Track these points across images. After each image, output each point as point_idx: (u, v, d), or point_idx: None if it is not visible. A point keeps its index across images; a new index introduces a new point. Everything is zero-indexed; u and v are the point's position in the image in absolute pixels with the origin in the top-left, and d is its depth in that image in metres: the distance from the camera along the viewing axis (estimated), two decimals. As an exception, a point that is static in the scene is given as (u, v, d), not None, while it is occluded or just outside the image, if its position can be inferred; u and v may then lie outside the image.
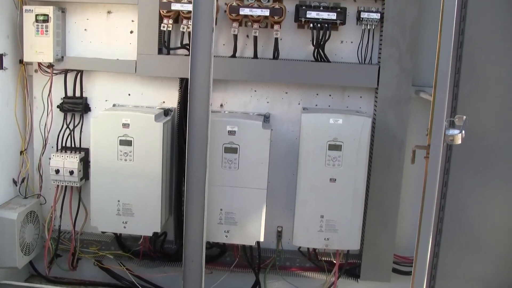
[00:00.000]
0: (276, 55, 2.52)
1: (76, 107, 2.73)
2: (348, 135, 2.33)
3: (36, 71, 2.73)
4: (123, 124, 2.42)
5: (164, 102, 2.71)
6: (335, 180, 2.35)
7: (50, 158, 2.68)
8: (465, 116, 1.80)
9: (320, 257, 2.69)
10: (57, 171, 2.64)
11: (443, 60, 1.85)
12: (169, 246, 2.79)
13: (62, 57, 2.67)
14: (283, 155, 2.64)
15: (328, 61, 2.51)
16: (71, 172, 2.64)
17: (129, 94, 2.73)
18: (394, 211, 2.53)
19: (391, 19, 2.43)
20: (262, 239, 2.47)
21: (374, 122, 2.50)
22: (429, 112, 1.83)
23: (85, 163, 2.71)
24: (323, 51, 2.50)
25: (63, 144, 2.76)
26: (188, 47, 2.46)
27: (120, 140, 2.42)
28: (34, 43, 2.59)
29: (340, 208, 2.38)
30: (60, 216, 2.76)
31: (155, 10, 2.51)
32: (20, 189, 2.74)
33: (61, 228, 2.76)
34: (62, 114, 2.75)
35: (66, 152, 2.70)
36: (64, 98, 2.74)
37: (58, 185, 2.71)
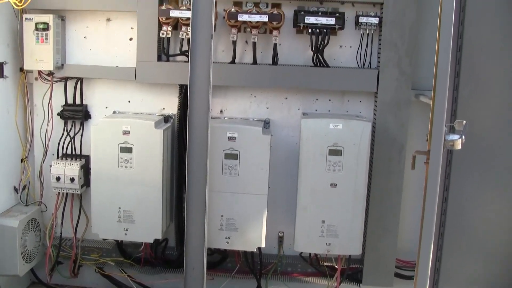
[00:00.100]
0: (275, 61, 2.53)
1: (76, 114, 2.74)
2: (348, 140, 2.33)
3: (36, 79, 2.75)
4: (123, 131, 2.42)
5: (164, 108, 2.72)
6: (336, 185, 2.35)
7: (50, 166, 2.68)
8: (465, 121, 1.80)
9: (322, 262, 2.69)
10: (58, 179, 2.65)
11: (442, 64, 1.85)
12: (170, 253, 2.79)
13: (62, 64, 2.68)
14: (283, 161, 2.64)
15: (328, 66, 2.51)
16: (72, 180, 2.64)
17: (129, 101, 2.74)
18: (396, 215, 2.53)
19: (390, 23, 2.43)
20: (263, 245, 2.46)
21: (374, 126, 2.50)
22: (429, 115, 1.83)
23: (86, 170, 2.71)
24: (322, 56, 2.50)
25: (64, 152, 2.76)
26: (187, 53, 2.46)
27: (120, 147, 2.43)
28: (34, 51, 2.60)
29: (341, 213, 2.37)
30: (61, 224, 2.77)
31: (154, 17, 2.52)
32: (21, 196, 2.74)
33: (62, 235, 2.76)
34: (62, 122, 2.76)
35: (66, 159, 2.71)
36: (64, 105, 2.75)
37: (59, 193, 2.71)
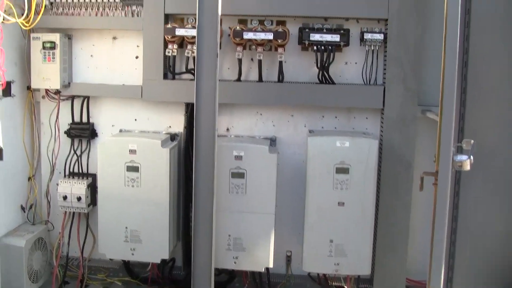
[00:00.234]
0: (281, 78, 2.53)
1: (83, 132, 2.75)
2: (355, 158, 2.31)
3: (43, 97, 2.76)
4: (130, 150, 2.42)
5: (170, 126, 2.72)
6: (343, 203, 2.33)
7: (57, 184, 2.68)
8: (473, 140, 1.77)
9: (330, 282, 2.65)
10: (65, 197, 2.65)
11: (448, 80, 1.84)
12: (177, 273, 2.76)
13: (69, 83, 2.70)
14: (290, 179, 2.63)
15: (333, 83, 2.51)
16: (79, 198, 2.64)
17: (136, 119, 2.75)
18: (405, 233, 2.49)
19: (395, 39, 2.42)
20: (271, 265, 2.44)
21: (381, 143, 2.48)
22: (436, 131, 1.80)
23: (93, 189, 2.71)
24: (328, 73, 2.49)
25: (71, 170, 2.77)
26: (193, 71, 2.47)
27: (127, 166, 2.43)
28: (41, 70, 2.62)
29: (349, 232, 2.35)
30: (68, 243, 2.76)
31: (159, 35, 2.53)
32: (28, 215, 2.74)
33: (69, 254, 2.76)
34: (69, 140, 2.77)
35: (73, 178, 2.71)
36: (71, 123, 2.76)
37: (65, 211, 2.71)
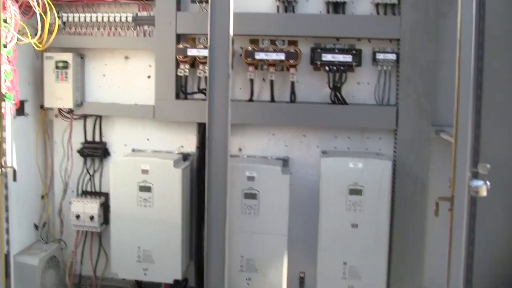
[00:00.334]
0: (293, 98, 2.53)
1: (95, 152, 2.76)
2: (368, 179, 2.30)
3: (56, 116, 2.79)
4: (142, 170, 2.43)
5: (182, 146, 2.72)
6: (357, 225, 2.31)
7: (70, 203, 2.70)
8: (489, 165, 1.75)
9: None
10: (78, 217, 2.66)
11: (463, 102, 1.82)
12: (190, 292, 2.76)
13: (82, 102, 2.73)
14: (303, 199, 2.61)
15: (346, 103, 2.50)
16: (92, 218, 2.65)
17: (148, 139, 2.76)
18: (420, 256, 2.46)
19: (407, 59, 2.41)
20: (284, 287, 2.42)
21: (394, 164, 2.46)
22: (450, 152, 1.78)
23: (106, 208, 2.72)
24: (340, 93, 2.49)
25: (84, 189, 2.78)
26: (205, 91, 2.48)
27: (139, 186, 2.44)
28: (54, 89, 2.65)
29: (364, 254, 2.33)
30: (81, 261, 2.78)
31: (171, 55, 2.55)
32: (41, 233, 2.76)
33: (82, 273, 2.77)
34: (82, 159, 2.79)
35: (86, 197, 2.73)
36: (84, 143, 2.78)
37: (78, 230, 2.73)
